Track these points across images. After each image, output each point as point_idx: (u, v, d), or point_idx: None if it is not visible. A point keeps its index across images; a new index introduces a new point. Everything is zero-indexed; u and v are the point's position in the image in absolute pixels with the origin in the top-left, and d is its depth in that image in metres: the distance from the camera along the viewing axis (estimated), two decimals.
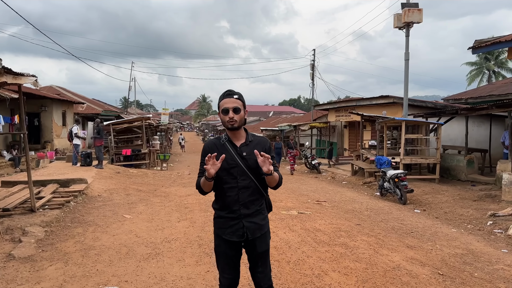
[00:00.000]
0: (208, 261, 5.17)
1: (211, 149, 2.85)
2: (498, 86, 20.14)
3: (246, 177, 2.80)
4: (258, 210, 2.86)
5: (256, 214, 2.84)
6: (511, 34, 9.28)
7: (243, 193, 2.79)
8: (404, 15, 13.95)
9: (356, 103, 20.83)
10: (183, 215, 7.97)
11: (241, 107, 2.81)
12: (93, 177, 11.81)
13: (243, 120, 2.86)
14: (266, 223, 2.92)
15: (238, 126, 2.82)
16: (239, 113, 2.80)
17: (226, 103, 2.80)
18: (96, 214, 7.90)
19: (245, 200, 2.80)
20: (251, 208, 2.82)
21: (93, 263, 5.09)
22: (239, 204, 2.79)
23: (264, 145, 2.89)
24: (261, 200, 2.90)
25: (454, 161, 14.16)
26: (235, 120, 2.79)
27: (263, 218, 2.90)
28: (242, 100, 2.86)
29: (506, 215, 8.38)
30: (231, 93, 2.85)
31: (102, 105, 35.16)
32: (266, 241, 2.92)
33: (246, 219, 2.80)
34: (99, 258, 5.30)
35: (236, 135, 2.89)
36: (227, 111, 2.78)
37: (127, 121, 19.98)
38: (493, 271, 5.02)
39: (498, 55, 44.29)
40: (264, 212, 2.92)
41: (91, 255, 5.42)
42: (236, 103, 2.81)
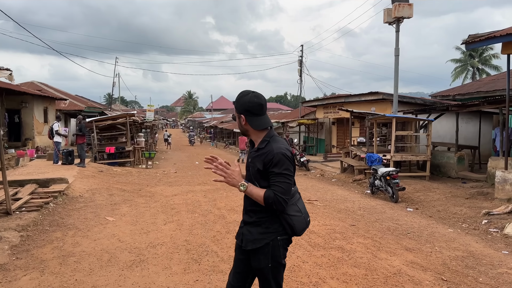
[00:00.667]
0: (197, 268, 4.81)
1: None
2: (485, 82, 20.18)
3: (252, 184, 2.55)
4: (256, 222, 2.54)
5: (255, 225, 2.55)
6: (505, 29, 9.10)
7: (246, 200, 2.63)
8: (394, 10, 13.73)
9: (344, 100, 20.62)
10: (170, 217, 7.58)
11: (236, 114, 2.65)
12: (75, 176, 11.32)
13: (243, 128, 2.64)
14: (263, 239, 2.50)
15: (241, 133, 2.71)
16: (237, 121, 2.67)
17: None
18: (76, 217, 7.46)
19: (247, 208, 2.63)
20: (252, 217, 2.58)
21: (71, 272, 4.69)
22: (244, 209, 2.67)
23: (265, 158, 2.46)
24: (265, 213, 2.52)
25: (444, 158, 14.04)
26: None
27: (262, 232, 2.51)
28: (236, 106, 2.62)
29: (500, 213, 8.21)
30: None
31: (85, 102, 34.39)
32: (260, 260, 2.51)
33: (246, 226, 2.62)
34: (78, 266, 4.91)
35: (254, 137, 2.66)
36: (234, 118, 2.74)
37: (110, 118, 19.41)
38: (497, 276, 4.78)
39: (482, 52, 44.70)
40: (266, 227, 2.52)
41: (70, 262, 5.02)
42: (234, 111, 2.67)
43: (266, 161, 2.44)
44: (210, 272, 4.68)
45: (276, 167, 2.42)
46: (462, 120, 16.66)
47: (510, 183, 9.02)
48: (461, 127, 14.72)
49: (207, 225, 6.94)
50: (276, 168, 2.42)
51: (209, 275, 4.61)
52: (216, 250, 5.51)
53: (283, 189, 2.40)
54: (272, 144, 2.49)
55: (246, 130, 2.61)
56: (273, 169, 2.42)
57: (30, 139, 21.45)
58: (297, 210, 2.52)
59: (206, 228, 6.73)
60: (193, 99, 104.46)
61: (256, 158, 2.51)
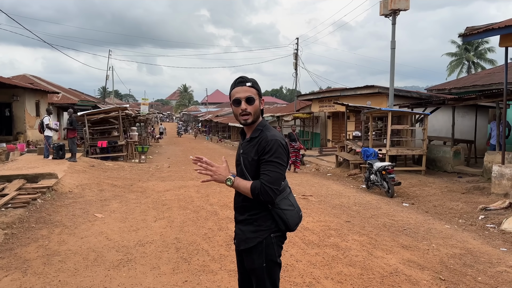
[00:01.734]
0: (186, 268, 4.63)
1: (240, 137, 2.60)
2: (481, 76, 20.06)
3: (244, 178, 2.37)
4: (248, 220, 2.39)
5: (246, 223, 2.41)
6: (503, 21, 8.93)
7: (237, 196, 2.48)
8: (390, 2, 13.53)
9: (340, 93, 20.43)
10: (160, 214, 7.38)
11: (256, 96, 2.39)
12: (65, 171, 11.08)
13: (259, 112, 2.43)
14: (256, 238, 2.35)
15: (252, 121, 2.40)
16: (253, 104, 2.37)
17: (238, 92, 2.39)
18: (64, 213, 7.25)
19: (238, 205, 2.48)
20: (243, 215, 2.43)
21: (55, 273, 4.50)
22: (235, 206, 2.51)
23: (258, 145, 2.33)
24: (257, 209, 2.37)
25: (440, 152, 13.91)
26: (248, 113, 2.37)
27: (254, 230, 2.37)
28: (256, 87, 2.42)
29: (497, 208, 8.09)
30: (243, 80, 2.41)
31: (78, 95, 34.00)
32: (253, 260, 2.37)
33: (237, 225, 2.49)
34: (63, 266, 4.71)
35: (248, 128, 2.48)
36: (239, 102, 2.37)
37: (102, 111, 19.13)
38: (496, 274, 4.64)
39: (478, 46, 44.65)
40: (257, 225, 2.37)
41: (54, 262, 4.82)
42: (249, 91, 2.37)
43: (259, 149, 2.32)
44: (200, 272, 4.50)
45: (267, 154, 2.28)
46: (458, 114, 16.56)
47: (507, 178, 8.90)
48: (457, 121, 14.60)
49: (199, 222, 6.76)
50: (267, 155, 2.28)
51: (199, 275, 4.43)
52: (207, 249, 5.33)
53: (272, 178, 2.25)
54: (266, 132, 2.38)
55: (258, 116, 2.42)
56: (264, 156, 2.29)
57: (21, 133, 21.13)
58: (289, 204, 2.41)
59: (198, 225, 6.55)
60: (188, 93, 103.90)
61: (249, 148, 2.38)
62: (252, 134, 2.41)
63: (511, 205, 7.94)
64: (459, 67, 46.02)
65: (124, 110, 19.90)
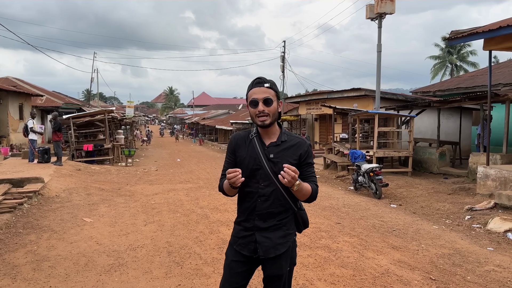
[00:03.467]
0: (179, 272, 4.61)
1: (237, 144, 2.44)
2: (464, 79, 20.43)
3: (269, 183, 2.30)
4: (277, 225, 2.33)
5: (274, 229, 2.33)
6: (487, 25, 9.12)
7: (262, 202, 2.32)
8: (377, 5, 13.70)
9: (327, 96, 20.57)
10: (150, 217, 7.33)
11: (274, 98, 2.33)
12: (51, 175, 10.92)
13: (277, 114, 2.36)
14: (286, 242, 2.35)
15: (270, 123, 2.32)
16: (271, 105, 2.30)
17: (255, 93, 2.32)
18: (52, 218, 7.14)
19: (263, 211, 2.33)
20: (268, 222, 2.33)
21: (45, 278, 4.43)
22: (255, 213, 2.34)
23: (299, 149, 2.36)
24: (285, 214, 2.36)
25: (426, 154, 14.12)
26: (266, 114, 2.30)
27: (283, 235, 2.35)
28: (275, 89, 2.36)
29: (483, 209, 8.24)
30: (261, 81, 2.35)
31: (63, 98, 33.51)
32: (281, 266, 2.34)
33: (260, 233, 2.34)
34: (53, 271, 4.64)
35: (267, 132, 2.39)
36: (256, 103, 2.30)
37: (88, 114, 18.91)
38: (485, 274, 4.73)
39: (460, 49, 45.47)
40: (286, 229, 2.37)
41: (44, 267, 4.75)
42: (267, 93, 2.31)
43: (302, 153, 2.36)
44: (193, 276, 4.49)
45: (310, 158, 2.40)
46: (443, 116, 16.83)
47: (492, 178, 9.08)
48: (442, 123, 14.84)
49: (190, 226, 6.73)
50: (310, 159, 2.40)
51: (192, 279, 4.42)
52: (199, 252, 5.31)
53: (316, 178, 2.41)
54: (294, 135, 2.45)
55: (276, 118, 2.37)
56: (309, 159, 2.38)
57: (4, 136, 20.74)
58: (302, 204, 2.51)
59: (189, 229, 6.52)
60: (174, 95, 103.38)
61: (283, 152, 2.33)
62: (281, 137, 2.37)
63: (496, 205, 8.09)
64: (442, 70, 46.80)
65: (110, 113, 19.71)
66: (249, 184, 2.31)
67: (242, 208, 2.41)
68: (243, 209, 2.40)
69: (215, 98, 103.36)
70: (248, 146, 2.38)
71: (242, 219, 2.40)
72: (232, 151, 2.44)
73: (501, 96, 10.16)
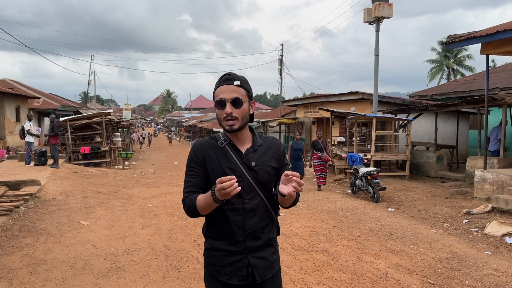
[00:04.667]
0: (177, 276, 4.58)
1: (206, 154, 2.02)
2: (461, 83, 20.51)
3: (254, 195, 1.99)
4: (268, 242, 2.07)
5: (265, 247, 2.05)
6: (484, 29, 9.16)
7: (250, 218, 1.99)
8: (374, 9, 13.75)
9: (325, 99, 20.61)
10: (147, 221, 7.30)
11: (245, 98, 1.99)
12: (48, 177, 10.87)
13: (247, 117, 2.02)
14: (277, 258, 2.13)
15: (239, 127, 1.98)
16: (241, 107, 1.96)
17: (223, 92, 1.97)
18: (49, 221, 7.10)
19: (253, 228, 2.00)
20: (261, 239, 2.03)
21: (42, 282, 4.40)
22: (244, 233, 1.98)
23: (277, 151, 2.11)
24: (272, 226, 2.11)
25: (423, 157, 14.15)
26: (234, 118, 1.96)
27: (274, 252, 2.10)
28: (246, 87, 2.01)
29: (480, 212, 8.25)
30: (230, 77, 1.99)
31: (59, 100, 33.41)
32: (279, 283, 2.12)
33: (252, 254, 2.00)
34: (50, 275, 4.61)
35: (238, 137, 2.05)
36: (223, 104, 1.96)
37: (85, 117, 18.86)
38: (483, 278, 4.72)
39: (457, 53, 45.66)
40: (275, 244, 2.14)
41: (40, 271, 4.72)
42: (237, 92, 1.96)
43: (279, 156, 2.11)
44: (190, 280, 4.46)
45: (286, 159, 2.16)
46: (440, 119, 16.89)
47: (489, 182, 9.09)
48: (439, 126, 14.88)
49: (187, 229, 6.70)
50: (286, 159, 2.15)
51: (190, 283, 4.39)
52: (197, 256, 5.29)
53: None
54: (265, 137, 2.16)
55: (247, 122, 2.04)
56: (284, 160, 2.13)
57: (1, 139, 20.63)
58: None
59: (186, 232, 6.49)
60: (172, 98, 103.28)
61: (262, 158, 2.04)
62: (256, 142, 2.08)
63: (493, 209, 8.11)
64: (439, 74, 46.95)
65: (108, 116, 19.67)
66: (230, 200, 1.89)
67: (224, 229, 2.00)
68: (226, 231, 1.99)
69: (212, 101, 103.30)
70: (219, 155, 2.01)
71: (225, 243, 2.00)
72: (200, 163, 2.02)
73: (498, 100, 10.20)
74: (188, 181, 2.03)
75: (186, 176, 2.05)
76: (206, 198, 1.86)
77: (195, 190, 2.00)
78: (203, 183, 2.03)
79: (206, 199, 1.86)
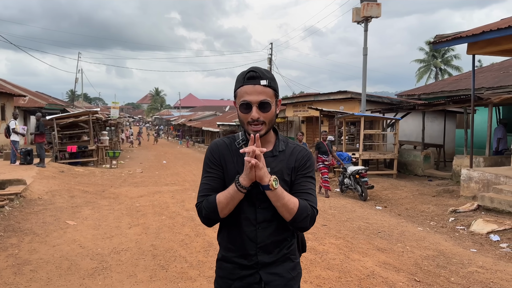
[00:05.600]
0: (164, 276, 4.55)
1: (222, 155, 1.83)
2: (448, 82, 20.73)
3: (269, 204, 1.72)
4: (285, 256, 1.82)
5: (281, 262, 1.81)
6: (470, 30, 9.28)
7: (263, 230, 1.77)
8: (363, 9, 13.82)
9: (314, 98, 20.66)
10: (135, 220, 7.24)
11: (272, 100, 1.76)
12: (34, 177, 10.72)
13: (274, 120, 1.80)
14: (296, 275, 1.86)
15: (265, 132, 1.76)
16: (269, 111, 1.74)
17: (248, 93, 1.72)
18: (34, 221, 7.00)
19: (266, 241, 1.78)
20: (275, 254, 1.80)
21: (27, 282, 4.34)
22: (256, 246, 1.77)
23: (301, 160, 1.82)
24: (291, 240, 1.86)
25: (411, 156, 14.28)
26: (261, 123, 1.73)
27: (293, 267, 1.85)
28: (274, 87, 1.77)
29: (466, 211, 8.35)
30: (256, 75, 1.73)
31: (46, 98, 32.98)
32: None
33: (265, 270, 1.79)
34: (35, 275, 4.54)
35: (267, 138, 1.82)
36: (248, 107, 1.72)
37: (72, 115, 18.67)
38: (468, 275, 4.78)
39: (445, 53, 46.20)
40: (295, 258, 1.88)
41: (25, 271, 4.65)
42: (265, 94, 1.72)
43: (297, 164, 1.82)
44: (178, 280, 4.44)
45: (309, 169, 1.83)
46: (428, 119, 17.05)
47: (475, 181, 9.21)
48: (427, 125, 15.03)
49: (175, 228, 6.66)
50: (308, 171, 1.82)
51: (177, 282, 4.37)
52: (185, 255, 5.26)
53: (315, 199, 1.81)
54: (293, 143, 1.90)
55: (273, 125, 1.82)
56: (304, 171, 1.81)
57: None
58: None
59: (174, 232, 6.46)
60: (161, 96, 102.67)
61: (279, 165, 1.80)
62: (278, 146, 1.84)
63: (479, 207, 8.21)
64: (427, 73, 47.45)
65: (95, 114, 19.49)
66: (242, 208, 1.75)
67: (233, 240, 1.82)
68: (237, 241, 1.81)
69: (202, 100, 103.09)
70: (235, 157, 1.81)
71: (236, 255, 1.81)
72: (217, 163, 1.82)
73: (484, 100, 10.35)
74: (205, 183, 1.82)
75: (202, 179, 1.84)
76: (228, 191, 1.70)
77: (213, 194, 1.78)
78: (222, 187, 1.79)
79: (228, 192, 1.70)
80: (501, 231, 6.74)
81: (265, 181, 1.63)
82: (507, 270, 5.00)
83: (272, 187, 1.63)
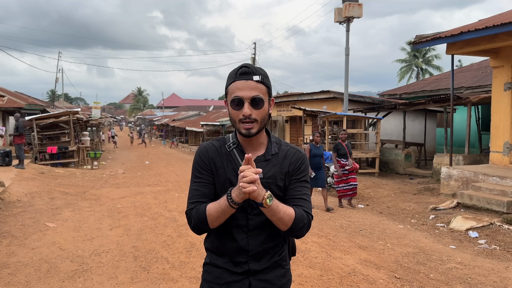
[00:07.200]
0: (145, 277, 4.52)
1: (212, 159, 1.75)
2: (429, 82, 21.08)
3: (261, 211, 1.65)
4: (276, 263, 1.78)
5: (272, 269, 1.76)
6: (449, 30, 9.45)
7: (255, 237, 1.72)
8: (345, 9, 13.95)
9: (297, 98, 20.77)
10: (116, 222, 7.16)
11: (265, 97, 1.69)
12: (12, 178, 10.51)
13: (267, 118, 1.72)
14: (287, 282, 1.82)
15: (258, 131, 1.69)
16: (261, 108, 1.67)
17: (240, 89, 1.66)
18: (13, 223, 6.86)
19: (258, 249, 1.73)
20: (265, 261, 1.75)
21: (4, 286, 4.25)
22: (247, 254, 1.73)
23: (294, 162, 1.76)
24: (282, 246, 1.81)
25: (392, 155, 14.47)
26: (253, 120, 1.66)
27: (283, 274, 1.80)
28: (267, 83, 1.70)
29: (446, 208, 8.51)
30: (248, 70, 1.67)
31: (25, 99, 32.28)
32: None
33: (255, 277, 1.74)
34: (13, 279, 4.45)
35: (251, 141, 1.75)
36: (240, 103, 1.65)
37: (52, 116, 18.35)
38: (447, 271, 4.87)
39: (426, 53, 46.94)
40: (286, 265, 1.83)
41: (3, 275, 4.55)
42: (257, 90, 1.66)
43: (294, 168, 1.75)
44: (159, 281, 4.40)
45: (303, 173, 1.76)
46: (409, 118, 17.31)
47: (455, 178, 9.39)
48: (408, 125, 15.26)
49: (157, 229, 6.61)
50: (302, 175, 1.75)
51: (159, 283, 4.33)
52: (167, 256, 5.23)
53: (310, 204, 1.76)
54: (286, 145, 1.81)
55: (266, 123, 1.74)
56: (299, 175, 1.75)
57: None
58: None
59: (156, 233, 6.41)
60: (143, 96, 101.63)
61: (273, 169, 1.73)
62: (270, 149, 1.76)
63: (458, 204, 8.37)
64: (409, 73, 48.13)
65: (75, 114, 19.20)
66: (233, 214, 1.66)
67: (222, 247, 1.77)
68: (226, 248, 1.76)
69: (186, 100, 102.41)
70: (225, 161, 1.74)
71: (225, 259, 1.76)
72: (207, 168, 1.74)
73: (463, 99, 10.55)
74: (194, 189, 1.75)
75: (192, 184, 1.77)
76: (220, 204, 1.62)
77: (203, 200, 1.72)
78: (212, 192, 1.74)
79: (219, 205, 1.63)
80: (479, 228, 6.89)
81: (259, 199, 1.56)
82: (485, 265, 5.12)
83: (266, 204, 1.57)
